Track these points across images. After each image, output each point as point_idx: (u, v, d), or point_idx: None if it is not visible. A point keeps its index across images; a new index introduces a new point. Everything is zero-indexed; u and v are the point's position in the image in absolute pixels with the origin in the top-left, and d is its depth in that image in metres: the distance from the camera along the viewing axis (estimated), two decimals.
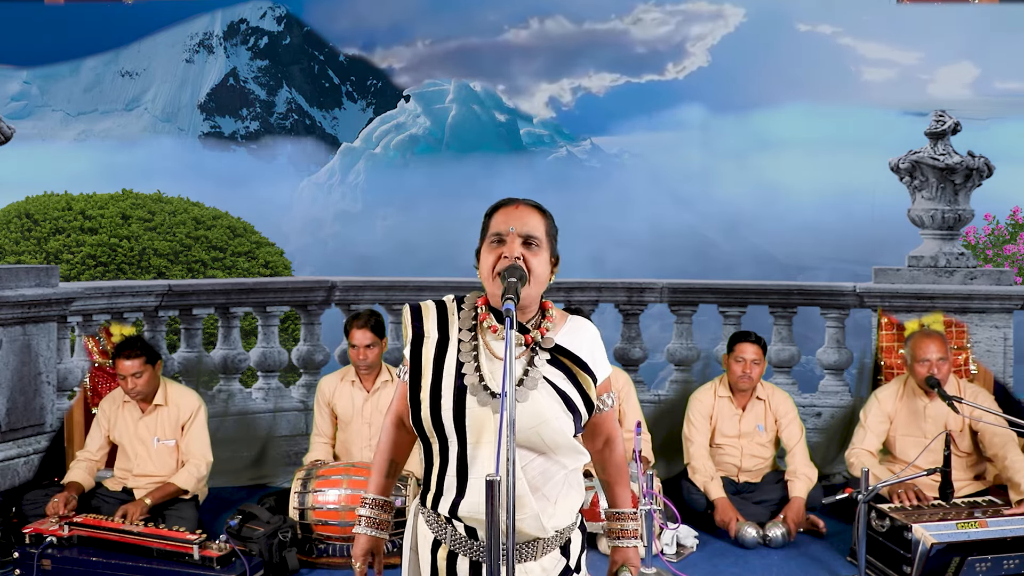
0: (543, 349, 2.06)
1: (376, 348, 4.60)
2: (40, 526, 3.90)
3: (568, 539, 2.12)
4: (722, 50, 18.30)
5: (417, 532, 2.14)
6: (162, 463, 4.42)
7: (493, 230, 2.05)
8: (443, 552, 2.07)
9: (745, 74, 18.22)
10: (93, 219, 10.78)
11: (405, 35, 19.16)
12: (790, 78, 17.88)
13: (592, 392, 2.08)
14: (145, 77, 21.34)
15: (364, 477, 4.19)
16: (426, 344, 2.09)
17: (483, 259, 2.06)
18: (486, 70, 18.88)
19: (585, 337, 2.12)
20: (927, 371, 4.24)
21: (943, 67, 17.34)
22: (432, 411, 2.02)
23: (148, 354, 4.37)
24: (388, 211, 19.82)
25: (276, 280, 7.73)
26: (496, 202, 2.13)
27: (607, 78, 18.04)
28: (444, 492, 2.04)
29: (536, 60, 18.15)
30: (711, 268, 16.86)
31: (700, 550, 4.36)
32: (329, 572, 4.14)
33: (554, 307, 2.13)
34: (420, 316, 2.13)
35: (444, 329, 2.10)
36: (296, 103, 21.67)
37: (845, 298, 5.71)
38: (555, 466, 2.05)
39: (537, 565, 2.05)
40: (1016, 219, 9.35)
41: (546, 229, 2.08)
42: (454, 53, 18.81)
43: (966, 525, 3.72)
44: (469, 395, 2.00)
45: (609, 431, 2.24)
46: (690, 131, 18.09)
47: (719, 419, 4.75)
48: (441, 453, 2.05)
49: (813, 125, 17.71)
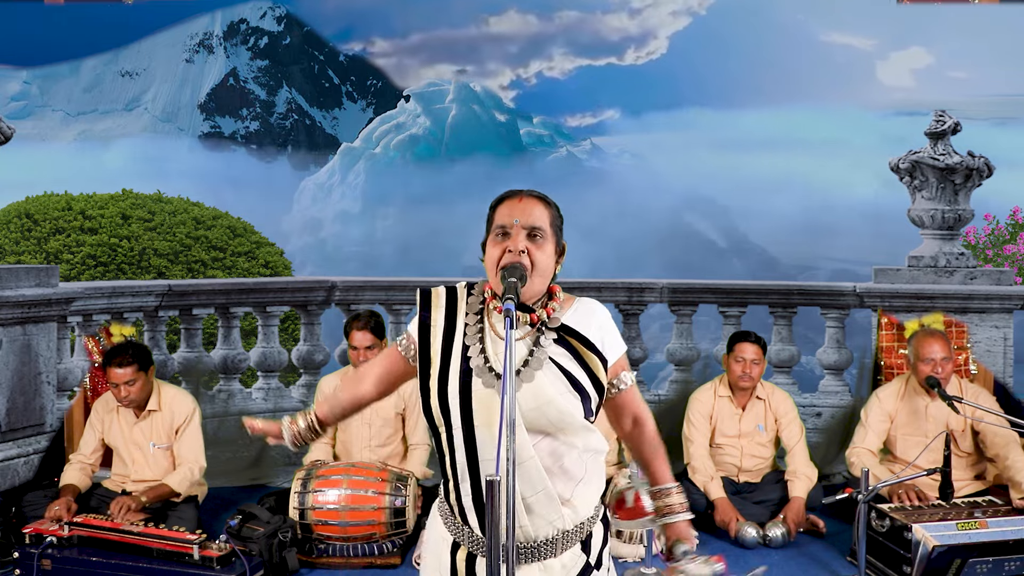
0: (549, 329, 2.05)
1: (376, 349, 4.60)
2: (40, 526, 3.89)
3: (589, 533, 2.10)
4: (683, 38, 19.18)
5: (436, 532, 2.15)
6: (159, 468, 4.38)
7: (498, 222, 2.05)
8: (462, 554, 2.06)
9: (706, 64, 18.78)
10: (93, 219, 10.78)
11: (384, 24, 19.77)
12: (762, 70, 18.39)
13: (601, 373, 2.05)
14: (145, 77, 21.35)
15: (364, 477, 4.19)
16: (433, 332, 2.09)
17: (488, 252, 2.06)
18: (459, 56, 19.73)
19: (594, 319, 2.10)
20: (931, 370, 4.24)
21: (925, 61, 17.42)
22: (439, 396, 2.03)
23: (140, 361, 4.25)
24: (388, 211, 19.82)
25: (276, 280, 7.73)
26: (501, 194, 2.12)
27: (572, 62, 19.16)
28: (460, 481, 2.04)
29: (507, 46, 19.25)
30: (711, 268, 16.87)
31: (700, 550, 4.35)
32: (329, 572, 4.14)
33: (562, 291, 2.12)
34: (429, 304, 2.13)
35: (452, 316, 2.10)
36: (296, 103, 21.67)
37: (845, 298, 5.71)
38: (564, 446, 2.02)
39: (557, 562, 2.04)
40: (1016, 219, 9.35)
41: (551, 219, 2.07)
42: (430, 41, 19.80)
43: (966, 525, 3.72)
44: (475, 377, 2.00)
45: (635, 410, 2.18)
46: (645, 116, 18.94)
47: (719, 419, 4.75)
48: (448, 440, 2.05)
49: (768, 123, 18.27)
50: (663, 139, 19.45)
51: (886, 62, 18.20)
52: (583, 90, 19.39)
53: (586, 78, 19.42)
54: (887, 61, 18.19)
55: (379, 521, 4.12)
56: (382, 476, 4.20)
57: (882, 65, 18.27)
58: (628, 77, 19.25)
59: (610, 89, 19.22)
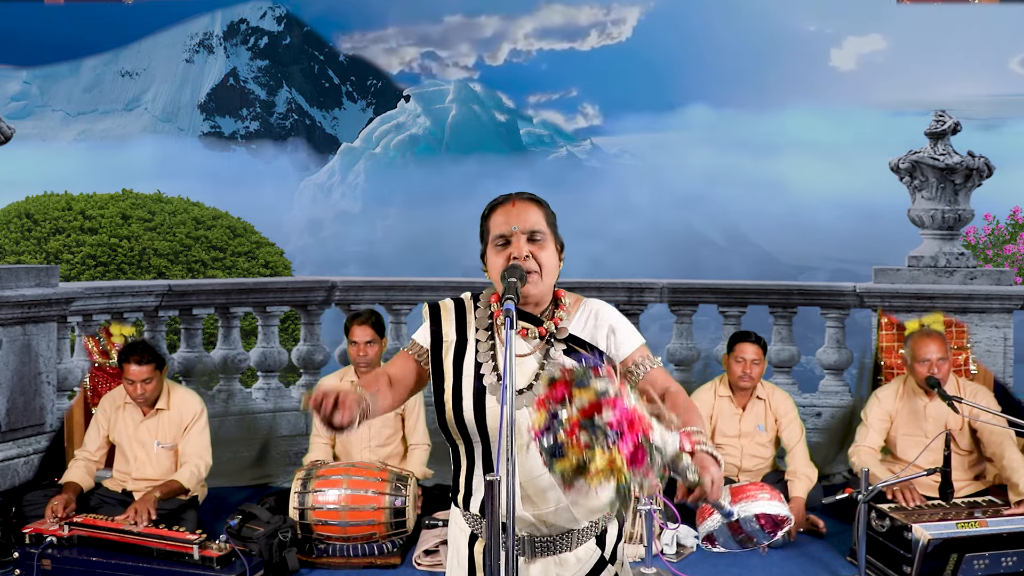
0: (558, 340, 2.06)
1: (376, 346, 4.61)
2: (40, 526, 3.89)
3: (604, 528, 2.13)
4: (646, 26, 19.98)
5: (456, 526, 2.18)
6: (161, 467, 4.39)
7: (496, 232, 2.05)
8: (479, 546, 2.09)
9: (673, 49, 19.29)
10: (93, 219, 10.78)
11: (367, 15, 20.52)
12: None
13: (614, 380, 2.04)
14: (145, 77, 21.35)
15: (364, 477, 4.19)
16: (445, 348, 2.10)
17: (491, 262, 2.06)
18: (433, 41, 20.57)
19: (602, 322, 2.10)
20: (927, 371, 4.24)
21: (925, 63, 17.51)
22: (455, 413, 2.04)
23: (157, 360, 4.31)
24: (388, 211, 19.84)
25: (276, 280, 7.73)
26: (491, 202, 2.12)
27: (535, 44, 20.30)
28: (474, 492, 2.07)
29: (480, 31, 20.35)
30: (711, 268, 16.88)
31: (700, 550, 4.36)
32: (329, 572, 4.14)
33: (567, 294, 2.13)
34: (439, 318, 2.13)
35: (463, 330, 2.10)
36: (296, 103, 21.68)
37: (845, 298, 5.71)
38: None
39: (572, 555, 2.07)
40: (1016, 219, 9.35)
41: (547, 219, 2.08)
42: (410, 31, 20.77)
43: (966, 525, 3.72)
44: (488, 395, 2.02)
45: (663, 385, 2.05)
46: (646, 116, 19.72)
47: (719, 419, 4.75)
48: (468, 454, 2.07)
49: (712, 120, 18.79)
50: (663, 139, 19.48)
51: (886, 62, 18.20)
52: (549, 72, 20.44)
53: (550, 61, 20.45)
54: (887, 61, 18.19)
55: (379, 521, 4.12)
56: (382, 476, 4.20)
57: (882, 65, 18.27)
58: (591, 60, 20.14)
59: (576, 71, 20.20)
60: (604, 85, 20.11)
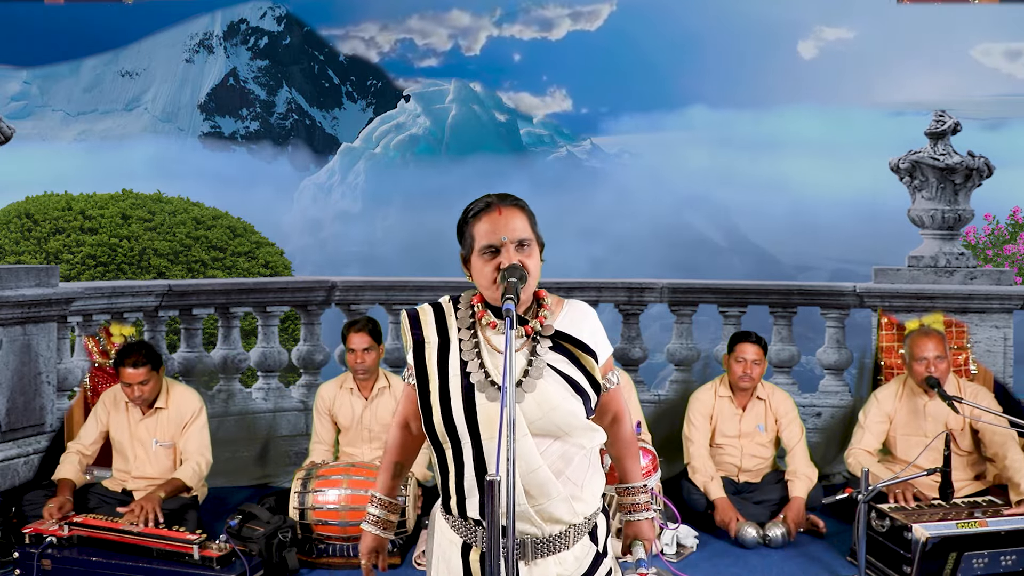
0: (544, 337, 2.07)
1: (373, 352, 4.61)
2: (40, 526, 3.89)
3: (595, 524, 2.15)
4: (617, 17, 20.51)
5: (444, 537, 2.14)
6: (161, 465, 4.39)
7: (483, 241, 2.03)
8: (475, 555, 2.07)
9: (646, 38, 19.71)
10: (93, 219, 10.77)
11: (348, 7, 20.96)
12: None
13: (596, 372, 2.09)
14: (145, 77, 21.35)
15: (364, 477, 4.19)
16: (427, 350, 2.09)
17: (479, 270, 2.04)
18: (413, 29, 20.99)
19: (585, 321, 2.13)
20: (925, 369, 4.24)
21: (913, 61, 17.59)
22: (444, 414, 2.03)
23: (153, 361, 4.30)
24: (388, 211, 19.84)
25: (276, 280, 7.73)
26: (473, 206, 2.10)
27: (508, 30, 20.86)
28: (467, 496, 2.04)
29: (460, 20, 20.89)
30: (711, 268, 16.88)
31: (700, 550, 4.36)
32: (329, 572, 4.14)
33: (549, 295, 2.14)
34: (419, 322, 2.13)
35: (444, 332, 2.10)
36: (296, 103, 21.67)
37: (845, 298, 5.71)
38: (573, 448, 2.07)
39: (570, 554, 2.08)
40: (1016, 219, 9.34)
41: (531, 223, 2.09)
42: (396, 23, 21.24)
43: (966, 525, 3.72)
44: (477, 392, 2.02)
45: (616, 408, 2.25)
46: (645, 116, 20.19)
47: (719, 419, 4.75)
48: (455, 457, 2.06)
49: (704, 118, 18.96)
50: (663, 139, 19.48)
51: (886, 61, 18.19)
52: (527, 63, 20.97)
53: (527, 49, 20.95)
54: (887, 60, 18.18)
55: None
56: None
57: (882, 64, 18.26)
58: (565, 48, 20.59)
59: (550, 60, 20.72)
60: (575, 72, 20.69)
